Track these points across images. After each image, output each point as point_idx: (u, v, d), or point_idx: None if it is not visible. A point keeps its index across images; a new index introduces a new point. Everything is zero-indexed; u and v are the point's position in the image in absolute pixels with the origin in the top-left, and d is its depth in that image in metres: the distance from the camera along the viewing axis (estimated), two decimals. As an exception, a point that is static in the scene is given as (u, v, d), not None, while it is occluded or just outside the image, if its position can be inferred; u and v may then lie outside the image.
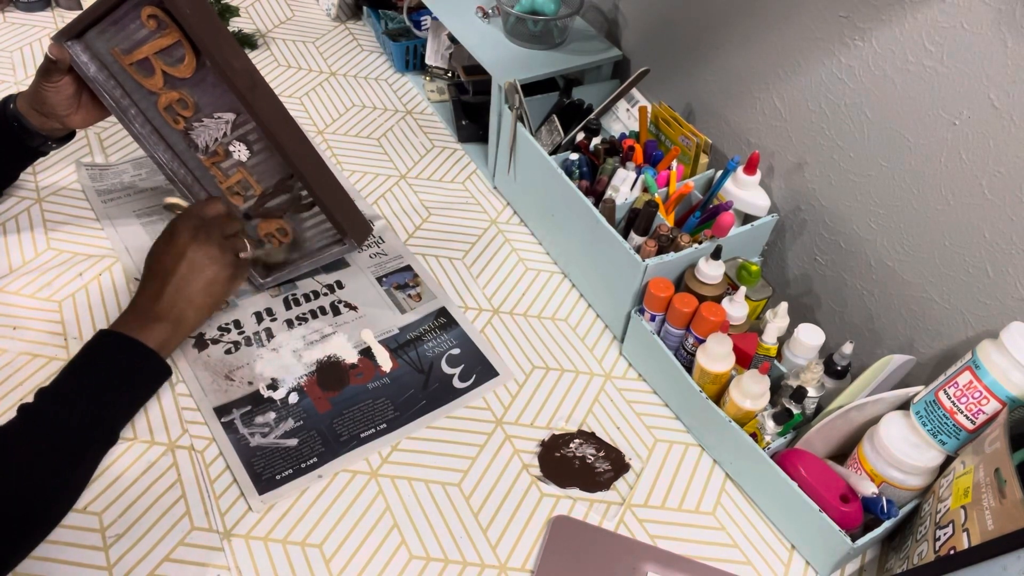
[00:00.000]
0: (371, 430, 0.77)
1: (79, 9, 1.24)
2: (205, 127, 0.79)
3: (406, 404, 0.80)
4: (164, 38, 0.73)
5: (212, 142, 0.80)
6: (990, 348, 0.63)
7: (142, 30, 0.74)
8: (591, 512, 0.74)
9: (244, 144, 0.79)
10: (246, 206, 0.84)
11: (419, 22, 1.20)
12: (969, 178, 0.68)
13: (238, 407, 0.78)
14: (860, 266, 0.81)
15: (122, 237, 0.91)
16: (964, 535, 0.59)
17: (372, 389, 0.81)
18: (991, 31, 0.62)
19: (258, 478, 0.73)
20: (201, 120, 0.78)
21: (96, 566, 0.66)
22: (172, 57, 0.75)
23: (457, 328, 0.88)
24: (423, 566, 0.69)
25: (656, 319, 0.81)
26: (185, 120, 0.79)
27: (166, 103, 0.78)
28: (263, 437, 0.76)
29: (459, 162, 1.09)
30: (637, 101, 0.97)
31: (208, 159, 0.81)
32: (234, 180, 0.82)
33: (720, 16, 0.88)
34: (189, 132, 0.79)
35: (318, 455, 0.75)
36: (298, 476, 0.73)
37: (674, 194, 0.87)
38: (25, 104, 0.81)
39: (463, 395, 0.82)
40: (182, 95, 0.77)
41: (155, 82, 0.77)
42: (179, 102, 0.77)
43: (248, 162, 0.81)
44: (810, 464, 0.70)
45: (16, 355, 0.79)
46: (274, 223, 0.84)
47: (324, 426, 0.77)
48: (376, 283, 0.91)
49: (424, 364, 0.84)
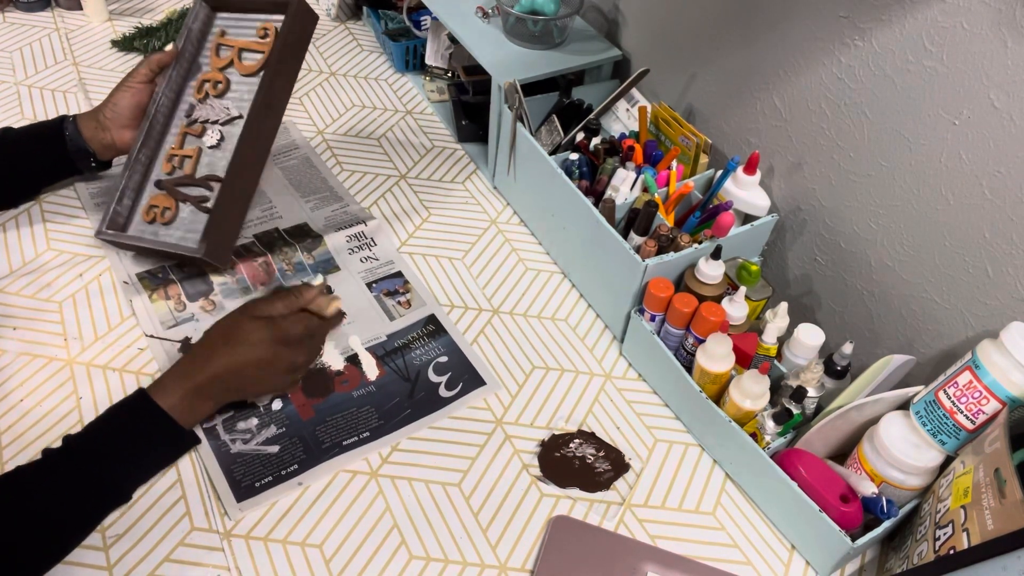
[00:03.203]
0: (354, 438, 0.77)
1: (79, 9, 1.24)
2: (211, 107, 0.89)
3: (391, 412, 0.79)
4: (258, 43, 0.89)
5: (203, 118, 0.89)
6: (990, 348, 0.63)
7: (251, 30, 0.90)
8: (591, 512, 0.74)
9: (220, 135, 0.88)
10: (165, 176, 0.88)
11: (419, 22, 1.20)
12: (969, 178, 0.68)
13: (220, 413, 0.77)
14: (860, 266, 0.81)
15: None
16: (964, 535, 0.59)
17: (357, 397, 0.80)
18: (991, 31, 0.62)
19: (237, 485, 0.72)
20: (215, 102, 0.89)
21: (96, 566, 0.66)
22: (249, 54, 0.90)
23: (445, 336, 0.87)
24: (423, 566, 0.69)
25: (656, 319, 0.81)
26: (206, 95, 0.89)
27: (210, 78, 0.90)
28: (244, 443, 0.75)
29: (459, 162, 1.09)
30: (637, 101, 0.97)
31: (186, 127, 0.89)
32: (183, 152, 0.88)
33: (720, 16, 0.88)
34: (196, 104, 0.90)
35: (299, 462, 0.74)
36: (278, 483, 0.73)
37: (674, 194, 0.87)
38: (85, 116, 0.88)
39: (449, 404, 0.81)
40: (225, 80, 0.89)
41: (220, 62, 0.90)
42: (218, 83, 0.89)
43: (207, 148, 0.88)
44: (810, 464, 0.70)
45: (16, 355, 0.79)
46: (169, 201, 0.86)
47: (307, 433, 0.77)
48: (366, 289, 0.90)
49: (411, 372, 0.83)
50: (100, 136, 0.88)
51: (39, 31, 1.20)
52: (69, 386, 0.78)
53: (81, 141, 0.88)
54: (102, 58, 1.17)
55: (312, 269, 0.91)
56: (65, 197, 0.96)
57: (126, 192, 0.87)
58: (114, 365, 0.80)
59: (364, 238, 0.96)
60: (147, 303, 0.85)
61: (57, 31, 1.21)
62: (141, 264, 0.89)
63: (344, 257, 0.93)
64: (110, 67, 1.16)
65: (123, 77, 0.88)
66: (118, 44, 1.19)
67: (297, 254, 0.92)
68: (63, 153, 0.88)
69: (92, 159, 0.90)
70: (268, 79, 0.86)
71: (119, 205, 0.86)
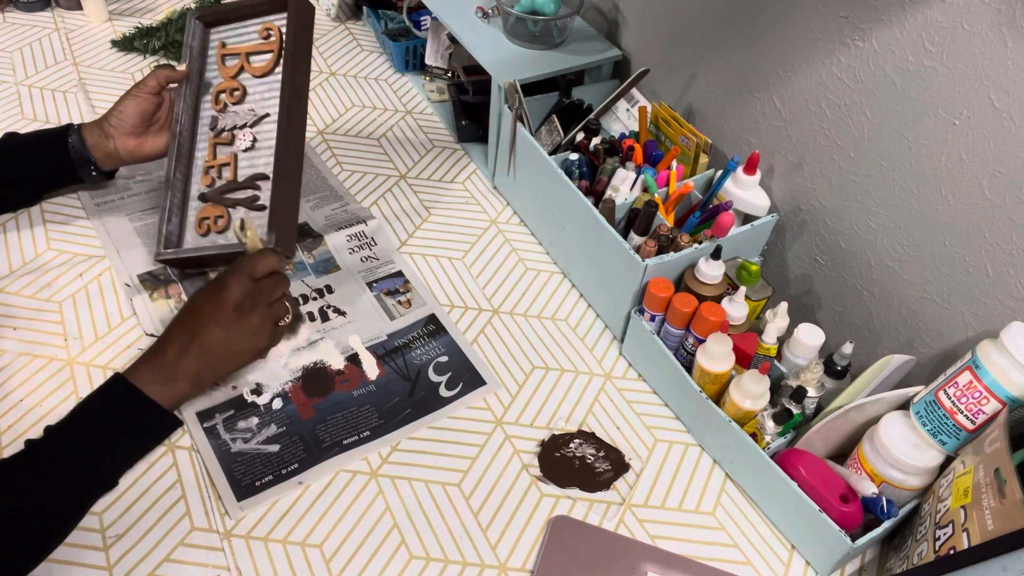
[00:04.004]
0: (354, 437, 0.77)
1: (79, 9, 1.24)
2: (236, 114, 0.89)
3: (391, 412, 0.79)
4: (263, 44, 0.90)
5: (230, 126, 0.89)
6: (990, 348, 0.63)
7: (252, 34, 0.91)
8: (591, 512, 0.74)
9: (252, 137, 0.87)
10: (208, 188, 0.88)
11: (419, 22, 1.20)
12: (969, 178, 0.68)
13: (221, 411, 0.77)
14: (860, 266, 0.81)
15: (113, 240, 0.91)
16: (964, 535, 0.59)
17: (357, 396, 0.80)
18: (991, 31, 0.62)
19: (237, 484, 0.72)
20: (236, 109, 0.90)
21: (96, 566, 0.66)
22: (256, 57, 0.90)
23: (446, 335, 0.87)
24: (423, 566, 0.69)
25: (656, 319, 0.81)
26: (226, 104, 0.90)
27: (224, 88, 0.90)
28: (244, 443, 0.75)
29: (459, 162, 1.09)
30: (637, 101, 0.97)
31: (214, 138, 0.90)
32: (219, 162, 0.88)
33: (720, 16, 0.88)
34: (219, 114, 0.90)
35: (299, 461, 0.74)
36: (278, 482, 0.73)
37: (674, 194, 0.87)
38: (89, 125, 0.88)
39: (449, 404, 0.81)
40: (240, 86, 0.90)
41: (228, 71, 0.91)
42: (233, 91, 0.90)
43: (242, 152, 0.88)
44: (810, 464, 0.70)
45: (16, 355, 0.79)
46: (219, 210, 0.86)
47: (307, 432, 0.77)
48: (366, 288, 0.90)
49: (411, 372, 0.83)
50: (103, 144, 0.88)
51: (39, 31, 1.20)
52: (69, 386, 0.78)
53: (84, 150, 0.88)
54: (102, 58, 1.17)
55: (312, 268, 0.91)
56: (66, 198, 0.96)
57: (172, 212, 0.87)
58: (114, 365, 0.80)
59: (364, 237, 0.96)
60: (148, 302, 0.85)
61: (57, 31, 1.21)
62: (145, 266, 0.89)
63: (344, 256, 0.93)
64: (110, 67, 1.16)
65: (130, 87, 0.89)
66: (118, 44, 1.19)
67: (298, 254, 0.92)
68: (66, 161, 0.88)
69: (93, 168, 0.90)
70: (290, 71, 0.86)
71: (169, 225, 0.86)
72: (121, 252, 0.90)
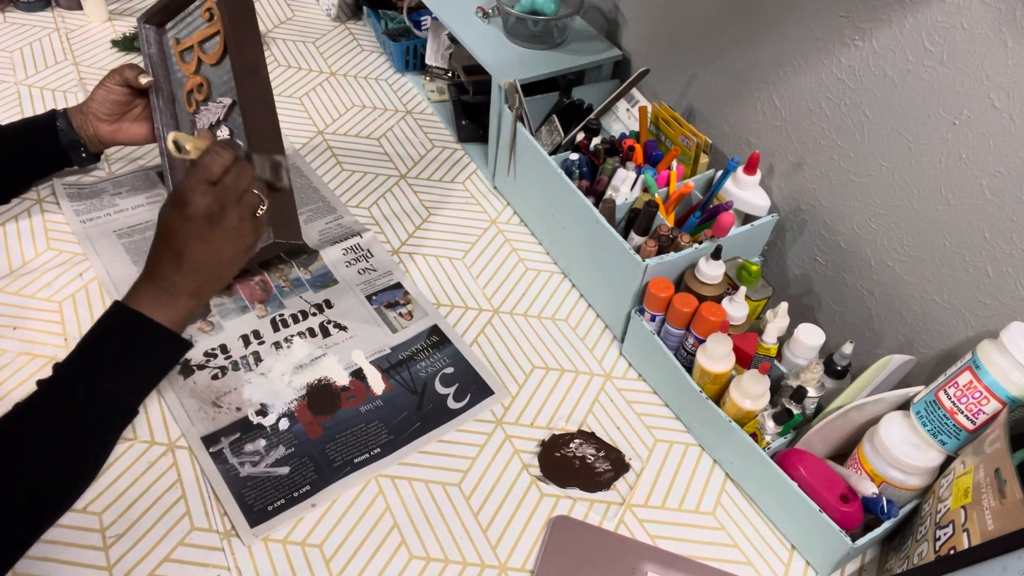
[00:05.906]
0: (365, 455, 0.75)
1: (79, 9, 1.24)
2: (208, 111, 0.87)
3: (400, 427, 0.78)
4: (209, 28, 0.87)
5: (207, 125, 0.87)
6: (990, 348, 0.63)
7: (198, 20, 0.90)
8: (591, 512, 0.74)
9: (229, 130, 0.86)
10: None
11: (419, 22, 1.20)
12: (969, 178, 0.68)
13: (226, 435, 0.75)
14: (860, 266, 0.81)
15: (104, 260, 0.88)
16: (964, 535, 0.59)
17: (365, 412, 0.78)
18: (991, 31, 0.62)
19: (249, 510, 0.70)
20: (207, 105, 0.88)
21: (96, 566, 0.66)
22: (208, 43, 0.89)
23: (450, 346, 0.85)
24: (423, 566, 0.69)
25: (656, 319, 0.81)
26: (197, 104, 0.89)
27: (190, 87, 0.89)
28: (253, 466, 0.73)
29: (459, 162, 1.09)
30: (637, 101, 0.97)
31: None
32: None
33: (720, 16, 0.88)
34: (196, 115, 0.89)
35: (311, 483, 0.72)
36: (291, 506, 0.71)
37: (674, 194, 0.87)
38: (73, 109, 0.90)
39: (458, 416, 0.79)
40: (203, 80, 0.88)
41: (189, 67, 0.90)
42: (199, 87, 0.88)
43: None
44: (810, 464, 0.70)
45: (16, 355, 0.79)
46: None
47: (316, 452, 0.75)
48: (366, 302, 0.89)
49: (417, 384, 0.82)
50: (86, 128, 0.90)
51: (39, 31, 1.20)
52: (69, 386, 0.78)
53: (72, 133, 0.89)
54: (102, 58, 1.17)
55: (309, 284, 0.90)
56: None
57: None
58: (114, 365, 0.80)
59: (360, 250, 0.94)
60: None
61: (57, 31, 1.21)
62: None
63: (341, 270, 0.92)
64: (110, 67, 1.14)
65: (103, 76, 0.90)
66: (118, 44, 1.19)
67: (293, 270, 0.91)
68: (56, 145, 0.89)
69: (83, 149, 0.91)
70: (236, 49, 0.83)
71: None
72: (111, 271, 0.87)
